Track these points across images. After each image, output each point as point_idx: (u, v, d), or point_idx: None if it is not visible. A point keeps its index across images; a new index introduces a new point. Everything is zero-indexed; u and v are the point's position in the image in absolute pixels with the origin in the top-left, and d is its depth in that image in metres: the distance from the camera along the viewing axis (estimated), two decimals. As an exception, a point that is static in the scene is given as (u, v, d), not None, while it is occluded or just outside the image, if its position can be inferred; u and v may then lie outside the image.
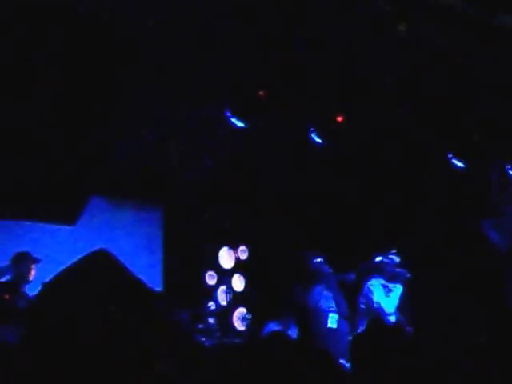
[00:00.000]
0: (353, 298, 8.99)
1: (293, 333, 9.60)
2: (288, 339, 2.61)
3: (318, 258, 8.98)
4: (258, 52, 8.59)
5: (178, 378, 2.19)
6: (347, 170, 10.64)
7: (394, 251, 8.97)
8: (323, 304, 8.82)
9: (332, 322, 8.71)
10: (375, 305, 8.77)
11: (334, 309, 8.81)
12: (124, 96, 8.89)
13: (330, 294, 8.85)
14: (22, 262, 7.94)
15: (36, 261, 7.98)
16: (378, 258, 8.94)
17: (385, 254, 8.96)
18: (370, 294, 8.82)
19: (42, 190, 8.83)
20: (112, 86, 8.48)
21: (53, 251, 9.68)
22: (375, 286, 8.89)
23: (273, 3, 7.83)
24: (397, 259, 8.93)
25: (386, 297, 8.86)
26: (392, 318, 8.75)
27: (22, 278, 7.88)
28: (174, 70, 8.62)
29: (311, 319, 8.85)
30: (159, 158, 10.28)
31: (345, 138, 10.02)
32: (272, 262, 11.22)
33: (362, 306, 8.85)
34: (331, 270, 8.91)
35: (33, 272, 7.90)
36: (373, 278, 8.94)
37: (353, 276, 8.94)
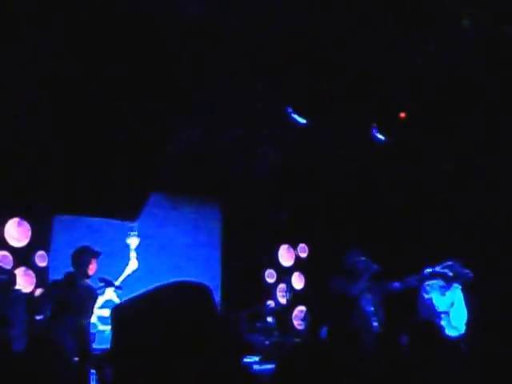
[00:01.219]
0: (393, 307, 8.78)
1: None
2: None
3: (360, 256, 8.75)
4: (321, 49, 8.48)
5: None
6: (410, 169, 10.42)
7: (450, 262, 8.70)
8: (364, 303, 8.63)
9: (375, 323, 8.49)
10: (427, 301, 8.56)
11: (371, 311, 8.60)
12: (184, 93, 8.89)
13: (371, 297, 8.65)
14: (83, 255, 7.89)
15: (97, 255, 7.93)
16: (428, 270, 8.69)
17: (440, 264, 8.70)
18: (424, 293, 8.62)
19: (105, 187, 8.90)
20: (172, 84, 8.48)
21: (114, 247, 9.81)
22: (432, 285, 8.68)
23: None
24: (450, 273, 8.67)
25: (441, 295, 8.64)
26: (444, 320, 8.52)
27: (81, 272, 7.84)
28: (237, 65, 8.57)
29: (351, 313, 8.65)
30: (219, 154, 10.25)
31: (408, 135, 9.80)
32: (332, 260, 11.08)
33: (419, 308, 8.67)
34: (380, 270, 8.67)
35: (93, 266, 7.87)
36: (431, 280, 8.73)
37: (397, 285, 8.69)
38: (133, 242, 8.23)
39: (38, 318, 9.06)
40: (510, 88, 8.92)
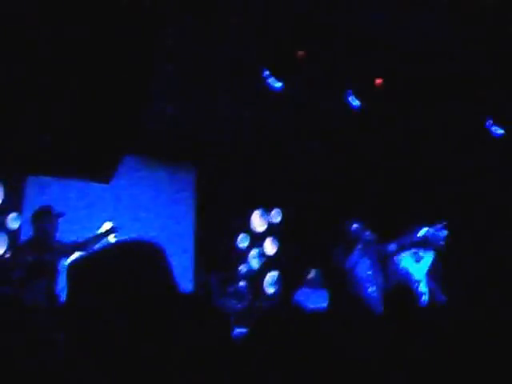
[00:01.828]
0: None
1: (323, 297, 9.55)
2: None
3: (356, 223, 8.79)
4: (297, 11, 8.42)
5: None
6: (388, 134, 10.43)
7: (441, 224, 8.71)
8: (360, 271, 8.68)
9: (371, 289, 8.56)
10: (402, 271, 8.61)
11: (371, 276, 8.67)
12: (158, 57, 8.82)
13: (369, 262, 8.70)
14: (44, 216, 7.66)
15: (59, 215, 7.69)
16: (423, 230, 8.69)
17: (432, 226, 8.71)
18: (397, 261, 8.65)
19: (77, 148, 8.81)
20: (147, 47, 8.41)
21: (85, 208, 9.74)
22: (405, 252, 8.71)
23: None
24: (444, 232, 8.68)
25: (415, 263, 8.68)
26: (422, 285, 8.59)
27: (45, 233, 7.59)
28: (212, 28, 8.49)
29: (347, 284, 8.73)
30: (192, 120, 10.19)
31: (384, 101, 9.80)
32: (306, 225, 11.13)
33: (391, 275, 8.72)
34: (373, 237, 8.72)
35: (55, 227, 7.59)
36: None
37: (394, 246, 8.72)
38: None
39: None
40: (484, 61, 8.97)
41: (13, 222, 9.63)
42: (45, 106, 8.35)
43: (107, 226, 7.93)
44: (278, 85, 9.17)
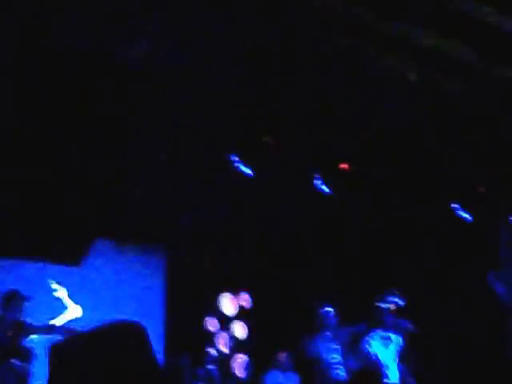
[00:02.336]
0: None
1: (294, 380, 9.51)
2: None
3: (327, 308, 8.81)
4: (264, 98, 8.69)
5: None
6: (351, 217, 10.65)
7: (394, 293, 8.73)
8: (326, 356, 8.65)
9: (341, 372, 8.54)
10: (372, 357, 8.57)
11: (338, 361, 8.64)
12: (130, 145, 8.99)
13: (337, 347, 8.69)
14: (12, 300, 7.71)
15: (26, 298, 7.73)
16: (378, 304, 8.69)
17: (385, 295, 8.71)
18: (367, 346, 8.61)
19: (47, 230, 8.85)
20: (119, 134, 8.59)
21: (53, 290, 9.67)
22: (374, 337, 8.70)
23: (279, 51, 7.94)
24: (400, 302, 8.68)
25: (385, 348, 8.66)
26: (392, 371, 8.56)
27: (13, 315, 7.63)
28: (176, 118, 8.72)
29: (315, 370, 8.71)
30: (162, 204, 10.31)
31: (351, 186, 10.04)
32: (276, 309, 11.16)
33: (360, 358, 8.69)
34: (338, 321, 8.74)
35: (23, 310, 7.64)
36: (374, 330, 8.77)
37: (363, 327, 8.71)
38: (60, 293, 8.18)
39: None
40: (445, 137, 9.27)
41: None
42: (17, 187, 8.42)
43: (75, 309, 7.93)
44: (248, 171, 9.37)
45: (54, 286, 8.18)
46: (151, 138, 9.13)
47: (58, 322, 7.82)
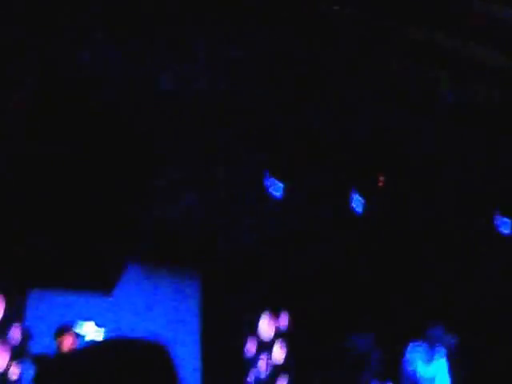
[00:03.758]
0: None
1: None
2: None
3: (366, 339, 8.57)
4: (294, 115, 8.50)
5: None
6: (389, 239, 10.31)
7: (439, 327, 8.48)
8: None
9: None
10: (410, 372, 8.36)
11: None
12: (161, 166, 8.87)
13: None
14: (64, 333, 7.94)
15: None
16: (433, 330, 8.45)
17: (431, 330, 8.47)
18: (407, 364, 8.41)
19: (78, 259, 8.74)
20: (148, 154, 8.46)
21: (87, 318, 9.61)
22: (415, 355, 8.46)
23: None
24: (453, 336, 8.44)
25: (425, 363, 8.43)
26: None
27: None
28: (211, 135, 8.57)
29: None
30: (196, 225, 10.13)
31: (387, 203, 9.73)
32: (315, 331, 10.89)
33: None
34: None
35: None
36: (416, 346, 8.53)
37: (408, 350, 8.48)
38: (89, 329, 8.33)
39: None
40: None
41: (15, 334, 9.50)
42: (45, 218, 8.34)
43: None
44: (278, 193, 9.18)
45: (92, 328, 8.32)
46: (182, 159, 8.97)
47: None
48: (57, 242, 8.50)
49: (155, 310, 10.49)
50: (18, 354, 9.35)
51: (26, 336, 9.24)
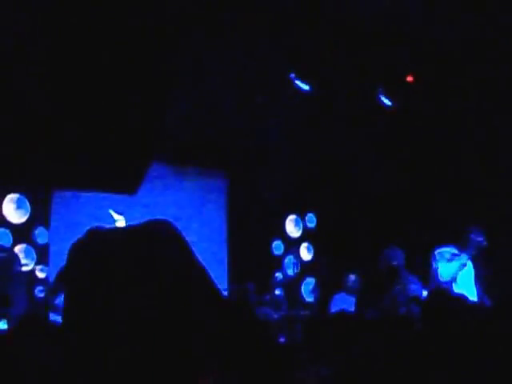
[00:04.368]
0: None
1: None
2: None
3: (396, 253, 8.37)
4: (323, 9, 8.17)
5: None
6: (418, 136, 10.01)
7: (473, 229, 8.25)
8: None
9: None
10: (433, 270, 8.24)
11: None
12: (185, 61, 8.61)
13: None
14: None
15: None
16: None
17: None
18: (433, 261, 8.28)
19: (101, 159, 8.62)
20: (174, 51, 8.21)
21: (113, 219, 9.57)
22: (442, 253, 8.31)
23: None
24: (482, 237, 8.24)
25: (447, 263, 8.27)
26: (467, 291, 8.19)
27: None
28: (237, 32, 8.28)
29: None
30: (222, 124, 9.93)
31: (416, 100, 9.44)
32: (341, 230, 10.80)
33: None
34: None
35: None
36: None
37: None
38: (120, 222, 8.08)
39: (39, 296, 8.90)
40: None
41: (40, 236, 9.54)
42: (69, 120, 8.20)
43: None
44: (306, 87, 8.92)
45: (115, 215, 8.14)
46: (208, 55, 8.71)
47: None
48: (81, 141, 8.36)
49: (181, 211, 10.40)
50: (43, 254, 9.43)
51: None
